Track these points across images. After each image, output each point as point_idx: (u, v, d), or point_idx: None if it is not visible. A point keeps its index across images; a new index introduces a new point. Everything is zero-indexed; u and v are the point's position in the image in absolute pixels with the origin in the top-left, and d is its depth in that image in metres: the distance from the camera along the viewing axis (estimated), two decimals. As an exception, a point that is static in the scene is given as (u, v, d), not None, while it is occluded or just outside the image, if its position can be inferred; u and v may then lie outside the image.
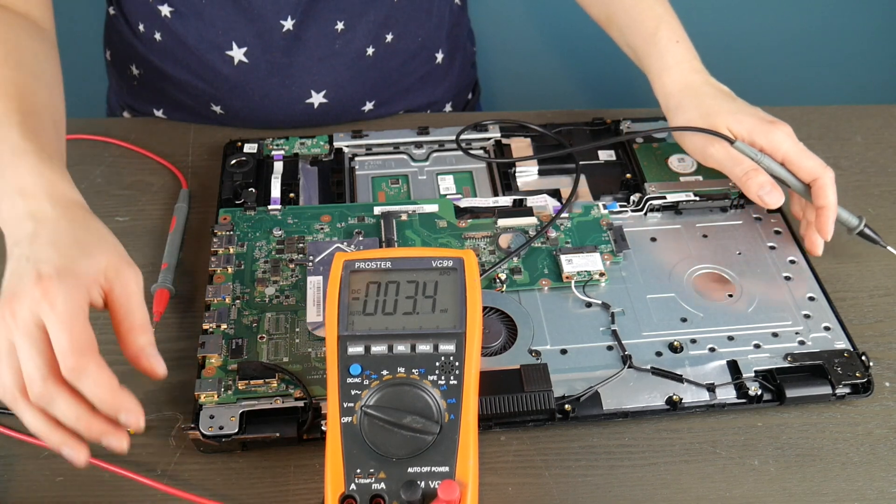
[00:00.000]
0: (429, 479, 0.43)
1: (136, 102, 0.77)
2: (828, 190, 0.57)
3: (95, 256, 0.45)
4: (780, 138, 0.58)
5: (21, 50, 0.54)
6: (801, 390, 0.52)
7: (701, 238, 0.62)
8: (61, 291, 0.42)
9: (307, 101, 0.73)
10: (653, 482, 0.49)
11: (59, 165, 0.49)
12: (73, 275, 0.43)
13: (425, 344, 0.46)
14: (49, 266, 0.43)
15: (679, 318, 0.56)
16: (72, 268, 0.43)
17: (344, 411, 0.45)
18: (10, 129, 0.49)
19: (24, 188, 0.47)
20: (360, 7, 0.69)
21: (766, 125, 0.59)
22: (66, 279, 0.43)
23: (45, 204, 0.46)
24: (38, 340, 0.42)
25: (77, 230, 0.46)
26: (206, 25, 0.68)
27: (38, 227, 0.45)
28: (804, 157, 0.58)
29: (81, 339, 0.42)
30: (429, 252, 0.49)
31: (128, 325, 0.45)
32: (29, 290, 0.42)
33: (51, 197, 0.46)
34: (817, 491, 0.48)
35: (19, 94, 0.51)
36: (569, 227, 0.61)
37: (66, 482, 0.48)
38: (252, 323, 0.54)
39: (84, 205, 0.48)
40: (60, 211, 0.46)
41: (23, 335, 0.42)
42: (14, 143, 0.48)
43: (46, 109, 0.53)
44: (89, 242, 0.45)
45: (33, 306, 0.42)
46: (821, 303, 0.57)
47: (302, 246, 0.59)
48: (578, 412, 0.51)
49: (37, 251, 0.44)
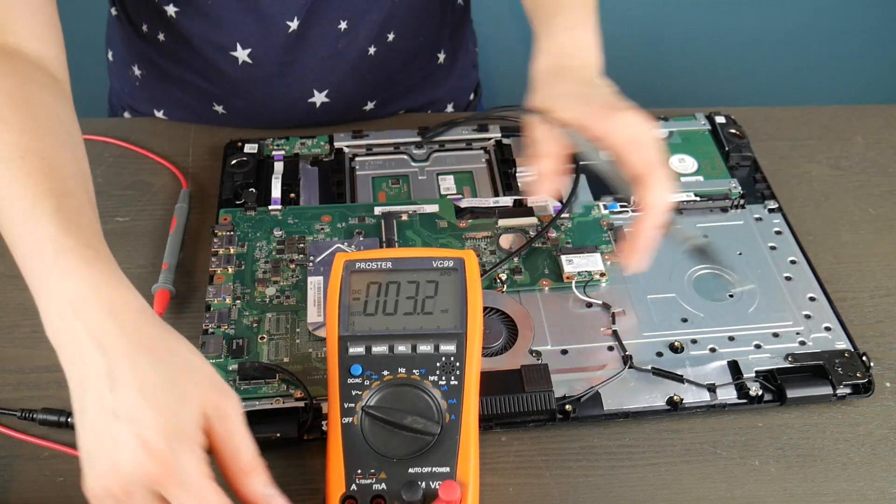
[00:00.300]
0: (430, 480, 0.43)
1: (138, 103, 0.77)
2: (650, 190, 0.50)
3: (192, 399, 0.38)
4: (614, 126, 0.51)
5: (39, 107, 0.47)
6: (802, 391, 0.52)
7: (702, 238, 0.62)
8: (184, 466, 0.37)
9: (309, 101, 0.73)
10: (653, 482, 0.49)
11: (108, 261, 0.42)
12: (183, 436, 0.37)
13: (426, 344, 0.46)
14: (152, 431, 0.37)
15: (680, 319, 0.56)
16: (178, 426, 0.37)
17: (345, 412, 0.45)
18: (44, 218, 0.42)
19: (74, 299, 0.40)
20: (363, 6, 0.69)
21: (605, 111, 0.51)
22: (179, 445, 0.37)
23: (106, 322, 0.39)
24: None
25: (163, 365, 0.39)
26: (212, 26, 0.68)
27: (113, 365, 0.38)
28: (637, 149, 0.50)
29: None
30: (429, 252, 0.49)
31: (237, 467, 0.40)
32: (139, 465, 0.36)
33: (111, 312, 0.39)
34: (818, 491, 0.48)
35: (49, 170, 0.44)
36: (569, 228, 0.61)
37: (67, 482, 0.48)
38: (252, 323, 0.54)
39: (149, 312, 0.41)
40: (129, 331, 0.39)
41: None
42: (53, 238, 0.41)
43: (78, 183, 0.45)
44: (181, 381, 0.39)
45: (152, 485, 0.37)
46: (821, 303, 0.57)
47: (302, 246, 0.59)
48: (579, 413, 0.50)
49: (125, 404, 0.37)
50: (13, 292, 0.58)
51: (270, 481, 0.41)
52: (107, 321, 0.39)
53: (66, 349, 0.40)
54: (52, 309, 0.40)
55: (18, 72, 0.48)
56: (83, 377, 0.39)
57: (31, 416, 0.50)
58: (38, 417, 0.50)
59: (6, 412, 0.51)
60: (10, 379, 0.53)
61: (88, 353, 0.38)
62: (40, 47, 0.51)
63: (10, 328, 0.56)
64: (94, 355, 0.38)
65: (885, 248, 0.63)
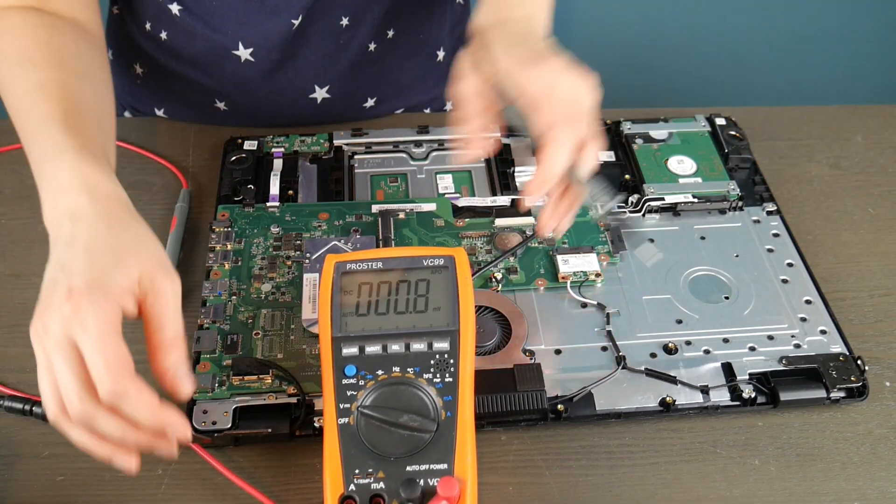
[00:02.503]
0: (428, 477, 0.43)
1: (138, 102, 0.78)
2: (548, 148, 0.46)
3: (129, 265, 0.42)
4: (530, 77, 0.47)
5: (64, 51, 0.53)
6: (796, 394, 0.51)
7: (699, 240, 0.61)
8: (91, 309, 0.40)
9: (310, 97, 0.73)
10: (653, 482, 0.49)
11: (100, 160, 0.47)
12: (104, 290, 0.41)
13: (419, 343, 0.46)
14: (80, 279, 0.41)
15: (674, 320, 0.56)
16: (103, 281, 0.41)
17: (340, 412, 0.45)
18: (52, 127, 0.48)
19: (63, 185, 0.45)
20: (365, 3, 0.69)
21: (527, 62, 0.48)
22: (97, 295, 0.41)
23: (82, 199, 0.44)
24: (71, 359, 0.40)
25: (114, 233, 0.44)
26: (216, 23, 0.68)
27: (76, 229, 0.43)
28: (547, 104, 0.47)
29: (116, 361, 0.40)
30: (420, 251, 0.49)
31: (157, 340, 0.43)
32: (59, 305, 0.41)
33: (89, 192, 0.45)
34: (818, 491, 0.48)
35: (62, 94, 0.50)
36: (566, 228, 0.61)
37: (67, 482, 0.48)
38: (247, 319, 0.55)
39: (124, 199, 0.46)
40: (99, 207, 0.44)
41: (56, 353, 0.40)
42: (56, 141, 0.47)
43: (91, 108, 0.51)
44: (125, 248, 0.43)
45: (65, 324, 0.40)
46: (817, 306, 0.57)
47: (299, 243, 0.60)
48: (571, 413, 0.51)
49: (71, 259, 0.42)
50: (13, 292, 0.59)
51: (185, 360, 0.43)
52: (83, 198, 0.45)
53: (51, 226, 0.45)
54: (47, 196, 0.46)
55: (52, 24, 0.55)
56: (56, 239, 0.44)
57: (30, 411, 0.51)
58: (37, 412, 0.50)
59: (5, 413, 0.51)
60: (11, 379, 0.53)
61: (63, 222, 0.44)
62: (77, 11, 0.58)
63: (10, 328, 0.56)
64: (66, 224, 0.44)
65: (884, 248, 0.63)
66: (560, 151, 0.46)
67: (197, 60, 0.71)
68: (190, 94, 0.74)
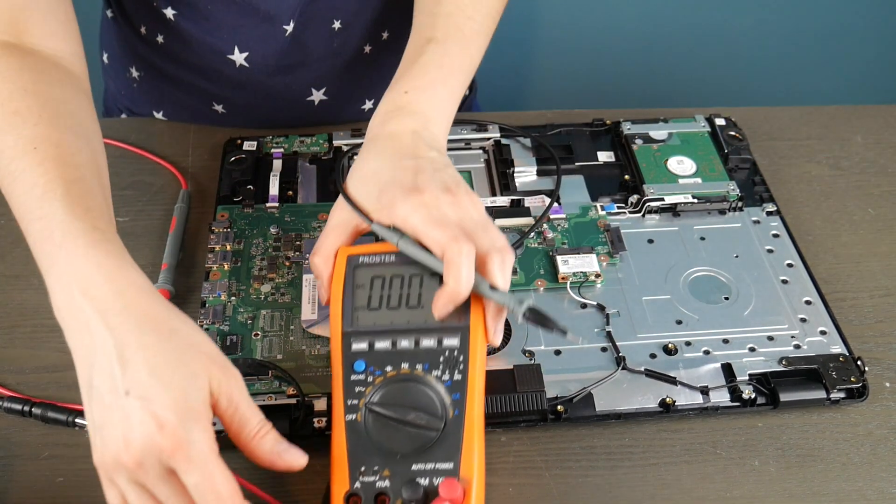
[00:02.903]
0: (433, 477, 0.43)
1: (136, 105, 0.77)
2: (452, 266, 0.44)
3: (199, 377, 0.40)
4: (405, 212, 0.46)
5: (54, 102, 0.49)
6: (795, 394, 0.51)
7: (698, 240, 0.61)
8: (191, 439, 0.38)
9: (308, 99, 0.73)
10: (653, 482, 0.49)
11: (112, 241, 0.44)
12: (195, 415, 0.39)
13: (429, 338, 0.46)
14: (164, 409, 0.38)
15: (674, 321, 0.56)
16: (189, 405, 0.39)
17: (348, 409, 0.45)
18: (54, 203, 0.43)
19: (83, 281, 0.41)
20: (356, 6, 0.69)
21: (399, 196, 0.47)
22: (190, 423, 0.38)
23: (113, 302, 0.40)
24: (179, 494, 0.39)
25: (170, 344, 0.40)
26: (211, 28, 0.68)
27: (121, 344, 0.39)
28: (431, 227, 0.45)
29: (228, 492, 0.39)
30: None
31: (246, 435, 0.42)
32: (152, 440, 0.38)
33: (118, 292, 0.41)
34: (818, 491, 0.48)
35: (60, 158, 0.45)
36: (566, 228, 0.61)
37: (67, 482, 0.48)
38: (247, 320, 0.55)
39: (149, 287, 0.43)
40: (135, 312, 0.41)
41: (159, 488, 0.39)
42: (62, 221, 0.43)
43: (90, 170, 0.47)
44: (188, 360, 0.40)
45: (165, 460, 0.38)
46: (817, 307, 0.57)
47: (299, 244, 0.60)
48: (571, 413, 0.50)
49: (136, 383, 0.39)
50: (13, 292, 0.58)
51: (279, 438, 0.43)
52: (112, 299, 0.41)
53: (73, 326, 0.41)
54: (59, 289, 0.42)
55: (34, 68, 0.50)
56: (90, 353, 0.40)
57: (29, 413, 0.51)
58: (36, 413, 0.50)
59: (6, 413, 0.51)
60: (10, 379, 0.53)
61: (95, 330, 0.40)
62: (56, 45, 0.52)
63: (10, 328, 0.56)
64: (100, 332, 0.40)
65: (884, 248, 0.63)
66: (457, 272, 0.44)
67: (193, 64, 0.71)
68: (187, 97, 0.74)
